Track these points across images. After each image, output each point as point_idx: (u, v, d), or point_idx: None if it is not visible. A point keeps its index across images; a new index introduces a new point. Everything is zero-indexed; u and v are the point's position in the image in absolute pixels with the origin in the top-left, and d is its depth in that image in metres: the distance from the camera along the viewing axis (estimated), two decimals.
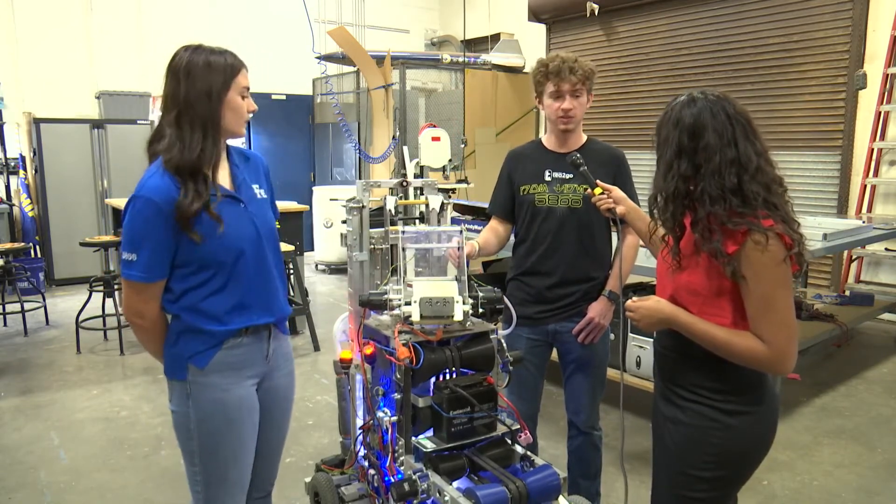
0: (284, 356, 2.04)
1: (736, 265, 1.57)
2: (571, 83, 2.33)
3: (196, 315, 1.80)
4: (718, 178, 1.58)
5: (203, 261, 1.77)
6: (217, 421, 1.84)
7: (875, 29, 5.86)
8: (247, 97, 1.85)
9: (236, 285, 1.82)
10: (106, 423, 3.94)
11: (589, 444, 2.61)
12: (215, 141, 1.78)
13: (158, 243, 1.73)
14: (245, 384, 1.89)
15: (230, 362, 1.85)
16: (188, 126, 1.75)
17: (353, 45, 7.23)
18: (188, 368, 1.82)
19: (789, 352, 1.60)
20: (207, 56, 1.77)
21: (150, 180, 1.74)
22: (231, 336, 1.83)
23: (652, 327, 1.76)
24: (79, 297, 6.37)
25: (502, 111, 8.47)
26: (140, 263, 1.73)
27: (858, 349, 5.24)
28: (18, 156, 7.77)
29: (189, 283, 1.79)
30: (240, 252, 1.81)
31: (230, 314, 1.82)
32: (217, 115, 1.77)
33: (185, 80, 1.75)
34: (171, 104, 1.77)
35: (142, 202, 1.72)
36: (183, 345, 1.83)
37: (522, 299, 2.48)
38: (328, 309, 6.57)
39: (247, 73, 1.84)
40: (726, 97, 1.65)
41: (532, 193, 2.47)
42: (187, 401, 1.84)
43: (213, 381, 1.83)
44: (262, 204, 1.94)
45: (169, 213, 1.71)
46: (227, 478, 1.90)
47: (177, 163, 1.73)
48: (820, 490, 3.15)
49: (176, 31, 8.59)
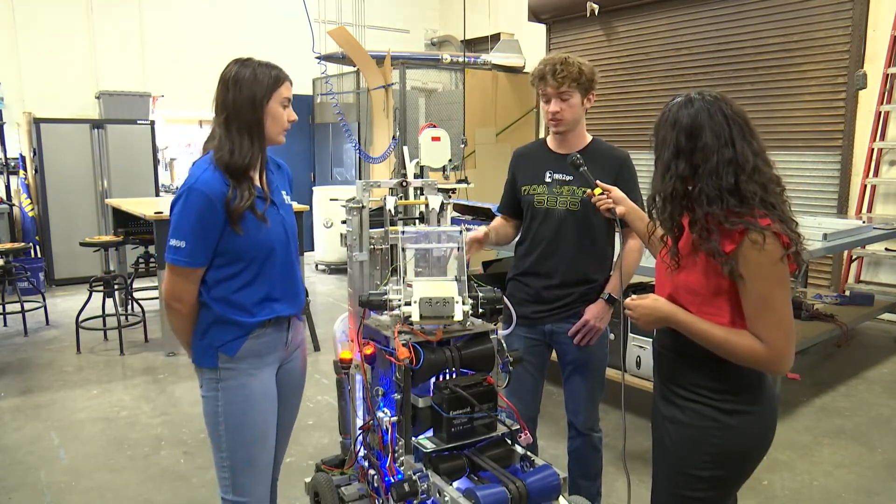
0: (301, 341, 2.25)
1: (734, 264, 1.57)
2: (555, 87, 2.31)
3: (227, 306, 1.95)
4: (716, 178, 1.58)
5: (238, 254, 1.93)
6: (243, 404, 1.99)
7: (875, 29, 5.86)
8: (288, 107, 1.99)
9: (264, 279, 1.98)
10: (106, 423, 3.95)
11: (588, 445, 2.61)
12: (261, 147, 1.95)
13: (205, 233, 1.88)
14: (267, 370, 2.04)
15: (255, 350, 2.00)
16: (236, 130, 1.91)
17: (353, 45, 7.23)
18: (219, 356, 1.97)
19: (787, 351, 1.60)
20: (255, 68, 1.94)
21: (204, 175, 1.89)
22: (258, 326, 1.98)
23: (650, 326, 1.76)
24: (79, 297, 6.37)
25: (502, 111, 8.46)
26: (185, 250, 1.88)
27: (858, 349, 5.24)
28: (18, 156, 7.77)
29: (222, 274, 1.94)
30: (271, 250, 1.98)
31: (258, 306, 1.98)
32: (260, 121, 1.93)
33: (233, 88, 1.91)
34: (221, 109, 1.94)
35: (196, 195, 1.86)
36: (214, 334, 1.97)
37: (521, 299, 2.48)
38: (328, 309, 6.57)
39: (290, 85, 2.00)
40: (723, 98, 1.65)
41: (532, 194, 2.47)
42: (217, 386, 1.98)
43: (241, 367, 1.98)
44: (289, 209, 2.12)
45: (218, 206, 1.86)
46: (253, 462, 2.02)
47: (226, 162, 1.89)
48: (820, 490, 3.15)
49: (176, 31, 8.60)
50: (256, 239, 1.93)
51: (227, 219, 1.88)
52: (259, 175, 1.97)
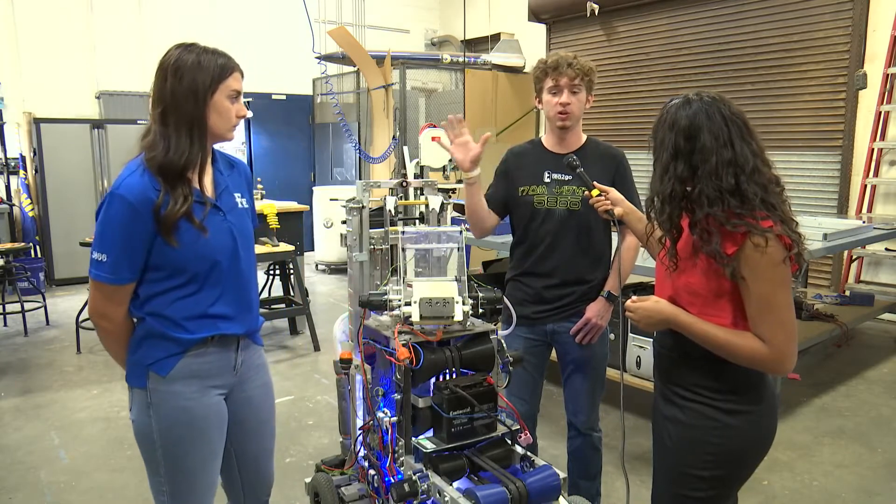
0: (257, 367, 1.97)
1: (735, 266, 1.57)
2: (570, 77, 2.33)
3: (161, 321, 1.74)
4: (716, 179, 1.58)
5: (176, 267, 1.72)
6: (181, 430, 1.78)
7: (875, 29, 5.85)
8: (238, 101, 1.78)
9: (207, 294, 1.76)
10: (106, 423, 3.94)
11: (588, 445, 2.61)
12: (202, 144, 1.73)
13: (130, 245, 1.67)
14: (211, 393, 1.82)
15: (194, 370, 1.78)
16: (173, 125, 1.70)
17: (353, 45, 7.23)
18: (149, 376, 1.76)
19: (789, 352, 1.60)
20: (198, 55, 1.72)
21: (129, 178, 1.67)
22: (196, 344, 1.77)
23: (651, 327, 1.76)
24: (79, 297, 6.38)
25: (502, 111, 8.46)
26: (108, 265, 1.67)
27: (858, 349, 5.24)
28: (18, 156, 7.77)
29: (157, 288, 1.73)
30: (215, 262, 1.75)
31: (196, 322, 1.76)
32: (203, 115, 1.71)
33: (173, 77, 1.70)
34: (158, 101, 1.72)
35: (117, 201, 1.65)
36: (144, 351, 1.77)
37: (521, 299, 2.47)
38: (328, 309, 6.57)
39: (240, 76, 1.78)
40: (722, 98, 1.65)
41: (531, 195, 2.46)
42: (148, 410, 1.77)
43: (175, 389, 1.76)
44: (242, 214, 1.87)
45: (145, 215, 1.65)
46: (194, 489, 1.84)
47: (159, 162, 1.67)
48: (820, 490, 3.15)
49: (176, 31, 8.57)
50: (194, 251, 1.70)
51: (157, 229, 1.65)
52: (199, 176, 1.75)
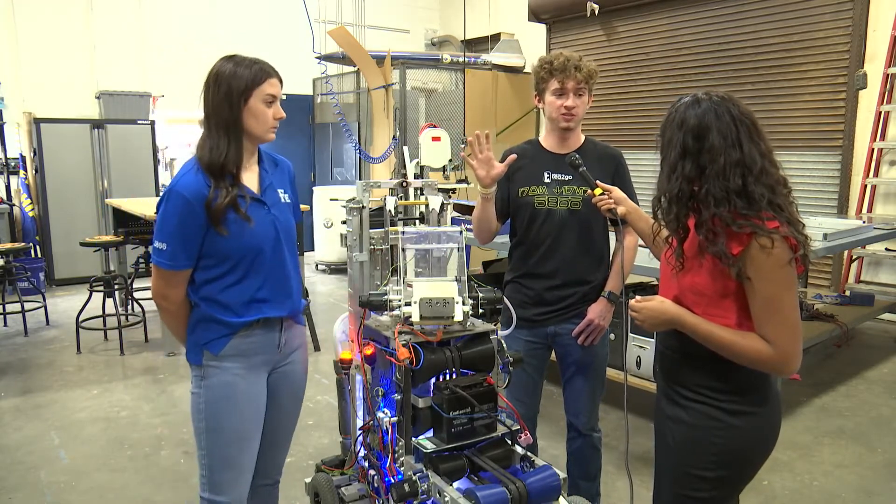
0: (299, 346, 2.18)
1: (741, 266, 1.57)
2: (576, 80, 2.33)
3: (213, 305, 1.95)
4: (723, 179, 1.57)
5: (224, 254, 1.92)
6: (224, 403, 1.97)
7: (875, 29, 5.85)
8: (273, 105, 1.95)
9: (252, 280, 1.96)
10: (106, 423, 3.95)
11: (589, 445, 2.61)
12: (238, 144, 1.91)
13: (186, 235, 1.88)
14: (256, 371, 2.02)
15: (242, 349, 1.98)
16: (214, 129, 1.90)
17: (353, 45, 7.23)
18: (203, 354, 1.98)
19: (794, 353, 1.60)
20: (235, 65, 1.90)
21: (185, 177, 1.90)
22: (244, 327, 1.97)
23: (656, 328, 1.75)
24: (79, 297, 6.38)
25: (502, 111, 8.46)
26: (167, 252, 1.89)
27: (858, 349, 5.24)
28: (19, 156, 7.77)
29: (209, 275, 1.94)
30: (259, 250, 1.95)
31: (245, 306, 1.96)
32: (238, 119, 1.90)
33: (213, 86, 1.90)
34: (205, 109, 1.93)
35: (175, 197, 1.87)
36: (200, 332, 1.98)
37: (521, 301, 2.46)
38: (328, 309, 6.57)
39: (277, 82, 1.95)
40: (731, 98, 1.64)
41: (531, 196, 2.45)
42: (201, 383, 1.99)
43: (225, 365, 1.97)
44: (285, 208, 2.07)
45: (199, 208, 1.85)
46: (230, 462, 2.00)
47: (206, 162, 1.89)
48: (820, 490, 3.15)
49: (176, 31, 8.59)
50: (241, 239, 1.91)
51: (209, 220, 1.87)
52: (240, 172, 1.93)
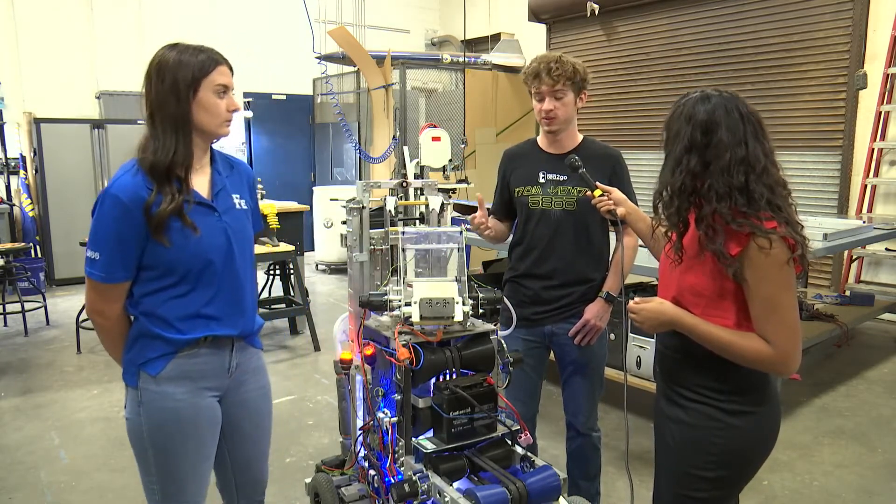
0: (254, 370, 1.96)
1: (738, 267, 1.57)
2: (549, 85, 2.30)
3: (153, 320, 1.75)
4: (727, 175, 1.58)
5: (168, 266, 1.72)
6: (170, 431, 1.78)
7: (875, 29, 5.85)
8: (226, 96, 1.77)
9: (200, 294, 1.76)
10: (106, 423, 3.94)
11: (588, 445, 2.61)
12: (187, 142, 1.73)
13: (122, 244, 1.68)
14: (203, 395, 1.81)
15: (186, 371, 1.78)
16: (160, 125, 1.71)
17: (353, 45, 7.23)
18: (140, 375, 1.77)
19: (793, 353, 1.60)
20: (179, 54, 1.72)
21: (122, 178, 1.70)
22: (187, 345, 1.77)
23: (655, 329, 1.75)
24: (79, 297, 6.38)
25: (502, 111, 8.46)
26: (101, 263, 1.69)
27: (858, 349, 5.24)
28: (19, 156, 7.77)
29: (151, 287, 1.74)
30: (207, 262, 1.75)
31: (188, 322, 1.76)
32: (186, 114, 1.72)
33: (157, 77, 1.72)
34: (147, 104, 1.74)
35: (110, 200, 1.67)
36: (137, 350, 1.78)
37: (519, 301, 2.46)
38: (328, 309, 6.57)
39: (227, 70, 1.77)
40: (738, 96, 1.65)
41: (526, 196, 2.46)
42: (139, 409, 1.78)
43: (165, 389, 1.76)
44: (240, 215, 1.86)
45: (137, 213, 1.66)
46: (184, 489, 1.84)
47: (150, 163, 1.69)
48: (820, 490, 3.15)
49: (176, 31, 8.57)
50: (186, 250, 1.71)
51: (148, 228, 1.66)
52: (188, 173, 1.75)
